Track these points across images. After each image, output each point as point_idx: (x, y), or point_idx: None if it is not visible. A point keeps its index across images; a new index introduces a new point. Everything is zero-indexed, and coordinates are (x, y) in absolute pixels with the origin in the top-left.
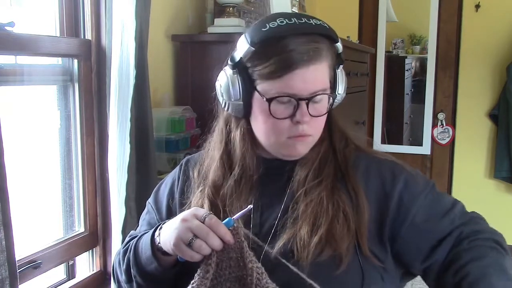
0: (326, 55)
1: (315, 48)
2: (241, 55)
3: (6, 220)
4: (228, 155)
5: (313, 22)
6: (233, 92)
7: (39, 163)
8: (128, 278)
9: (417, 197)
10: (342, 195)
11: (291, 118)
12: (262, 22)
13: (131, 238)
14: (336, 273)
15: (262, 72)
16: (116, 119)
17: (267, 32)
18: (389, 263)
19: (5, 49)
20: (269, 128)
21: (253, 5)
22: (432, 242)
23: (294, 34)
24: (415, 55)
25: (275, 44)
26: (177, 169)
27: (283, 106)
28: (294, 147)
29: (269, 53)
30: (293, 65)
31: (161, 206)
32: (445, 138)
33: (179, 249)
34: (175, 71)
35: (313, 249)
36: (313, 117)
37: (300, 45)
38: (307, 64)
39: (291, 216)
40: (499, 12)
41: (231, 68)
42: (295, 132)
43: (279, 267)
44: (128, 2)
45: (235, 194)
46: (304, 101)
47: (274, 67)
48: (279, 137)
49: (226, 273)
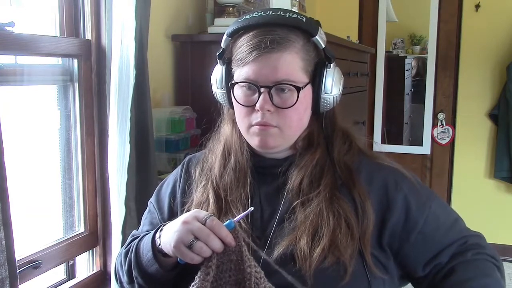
0: (296, 47)
1: (281, 37)
2: (223, 46)
3: (6, 219)
4: (226, 145)
5: (288, 15)
6: (220, 82)
7: (39, 163)
8: (129, 279)
9: (424, 206)
10: (343, 203)
11: (255, 106)
12: (243, 15)
13: (133, 238)
14: (341, 283)
15: (235, 60)
16: (116, 119)
17: (241, 22)
18: (391, 266)
19: (5, 49)
20: (238, 116)
21: (253, 5)
22: (439, 248)
23: (265, 24)
24: (415, 55)
25: (246, 33)
26: (179, 168)
27: (249, 92)
28: (260, 137)
29: (240, 42)
30: (257, 52)
31: (163, 206)
32: (445, 138)
33: (179, 251)
34: (175, 71)
35: (316, 259)
36: (278, 108)
37: (267, 33)
38: (269, 52)
39: (289, 223)
40: (499, 12)
41: (218, 58)
42: (256, 120)
43: (278, 272)
44: (128, 2)
45: (235, 182)
46: (266, 89)
47: (242, 54)
48: (245, 124)
49: (226, 275)
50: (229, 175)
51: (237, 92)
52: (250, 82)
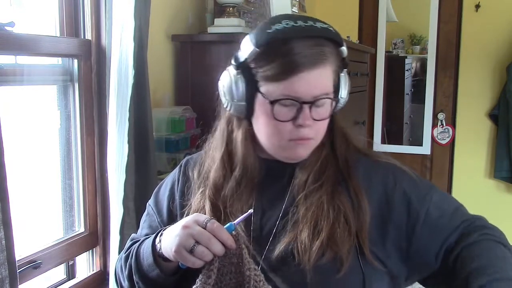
0: (330, 60)
1: (320, 52)
2: (246, 56)
3: (6, 219)
4: (229, 156)
5: (319, 26)
6: (236, 93)
7: (39, 163)
8: (131, 284)
9: (424, 197)
10: (343, 198)
11: (293, 121)
12: (267, 24)
13: (133, 242)
14: (337, 276)
15: (266, 74)
16: (115, 119)
17: (272, 33)
18: (393, 265)
19: (5, 49)
20: (271, 130)
21: (253, 5)
22: (446, 234)
23: (300, 36)
24: (415, 55)
25: (280, 46)
26: (177, 170)
27: (286, 108)
28: (295, 150)
29: (273, 55)
30: (298, 68)
31: (162, 208)
32: (445, 138)
33: (180, 255)
34: (175, 71)
35: (315, 253)
36: (315, 121)
37: (305, 48)
38: (311, 68)
39: (291, 220)
40: (499, 12)
41: (235, 69)
42: (297, 135)
43: (278, 272)
44: (128, 2)
45: (236, 195)
46: (307, 105)
47: (278, 69)
48: (280, 139)
49: (227, 278)
50: (231, 187)
51: (276, 109)
52: (292, 99)
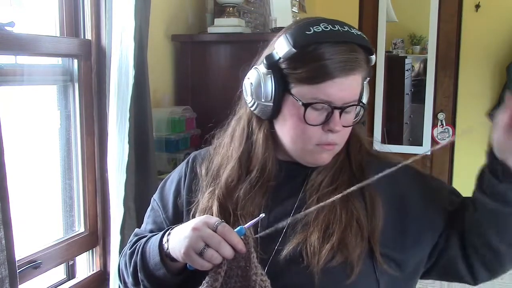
0: (363, 67)
1: (355, 58)
2: (281, 55)
3: (6, 219)
4: (247, 157)
5: (354, 32)
6: (264, 92)
7: (39, 163)
8: (135, 281)
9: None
10: (356, 202)
11: (322, 125)
12: (306, 25)
13: (138, 238)
14: (347, 281)
15: (301, 75)
16: (116, 119)
17: (311, 36)
18: (409, 266)
19: (5, 49)
20: (298, 134)
21: (253, 5)
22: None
23: (337, 41)
24: (415, 55)
25: (318, 49)
26: (184, 166)
27: (317, 112)
28: (321, 155)
29: (310, 57)
30: (334, 72)
31: (167, 204)
32: (445, 138)
33: (189, 258)
34: (175, 71)
35: (324, 256)
36: (343, 127)
37: (342, 53)
38: (347, 74)
39: (302, 221)
40: (499, 12)
41: (266, 68)
42: (324, 140)
43: (287, 273)
44: (128, 2)
45: (249, 197)
46: (338, 110)
47: (314, 72)
48: (307, 143)
49: (232, 281)
50: (245, 189)
51: (307, 112)
52: (325, 103)
